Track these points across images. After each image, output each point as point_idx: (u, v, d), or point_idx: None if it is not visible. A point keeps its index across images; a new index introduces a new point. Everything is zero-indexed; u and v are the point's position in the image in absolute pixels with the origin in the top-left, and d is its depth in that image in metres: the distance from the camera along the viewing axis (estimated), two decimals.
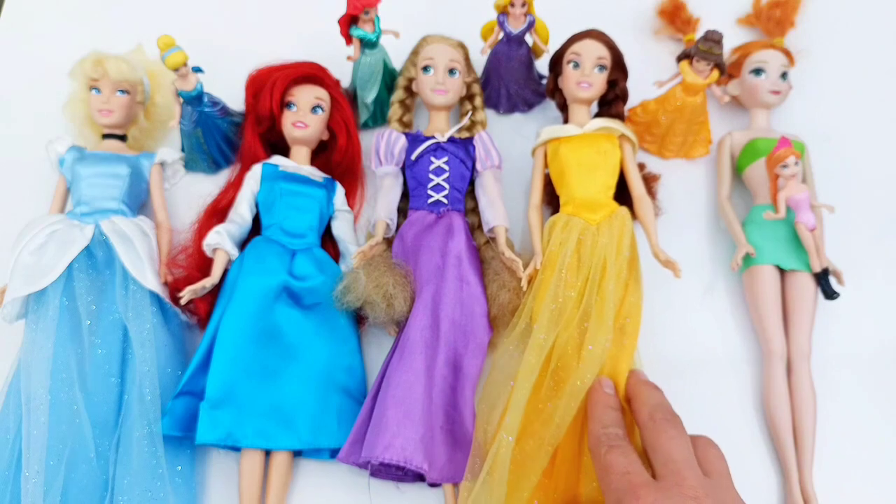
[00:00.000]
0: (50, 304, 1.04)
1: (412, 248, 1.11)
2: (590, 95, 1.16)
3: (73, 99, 1.20)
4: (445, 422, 1.00)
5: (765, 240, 1.14)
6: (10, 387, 1.03)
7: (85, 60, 1.16)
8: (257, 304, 1.04)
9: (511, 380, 1.01)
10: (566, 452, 0.98)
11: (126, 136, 1.22)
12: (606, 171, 1.12)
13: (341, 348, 1.07)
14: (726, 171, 1.24)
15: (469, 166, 1.18)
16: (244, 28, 1.43)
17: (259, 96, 1.16)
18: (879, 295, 1.20)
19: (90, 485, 0.97)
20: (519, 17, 1.19)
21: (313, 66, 1.20)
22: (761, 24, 1.39)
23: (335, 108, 1.21)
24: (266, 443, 0.99)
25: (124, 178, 1.14)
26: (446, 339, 1.04)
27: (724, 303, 1.19)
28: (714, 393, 1.12)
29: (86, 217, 1.11)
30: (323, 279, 1.09)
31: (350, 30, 1.16)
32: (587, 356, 0.99)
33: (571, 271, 1.05)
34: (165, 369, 1.04)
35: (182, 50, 1.09)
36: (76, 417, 0.99)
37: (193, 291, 1.05)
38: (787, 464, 1.04)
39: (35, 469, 0.94)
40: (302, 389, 1.03)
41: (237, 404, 0.99)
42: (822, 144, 1.28)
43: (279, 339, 1.05)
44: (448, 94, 1.19)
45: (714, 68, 1.17)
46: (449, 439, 1.00)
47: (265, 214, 1.14)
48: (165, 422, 0.99)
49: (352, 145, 1.22)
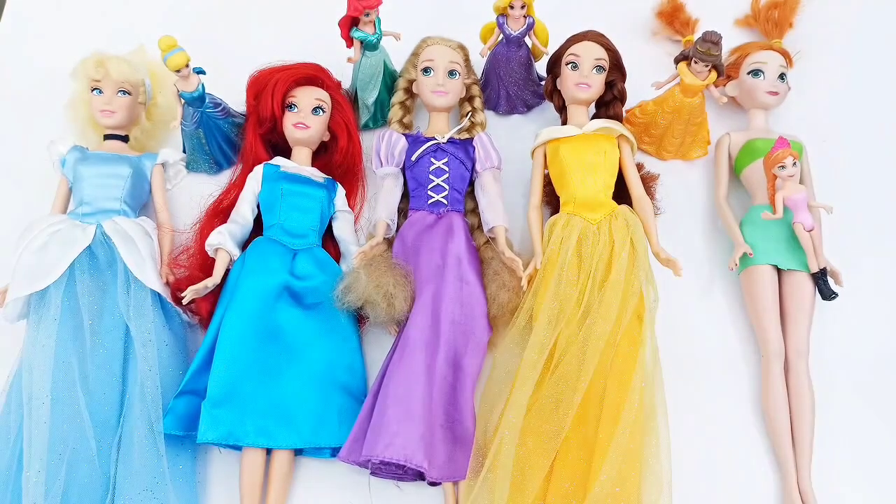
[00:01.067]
0: (51, 304, 1.04)
1: (412, 249, 1.12)
2: (588, 96, 1.17)
3: (74, 100, 1.21)
4: (445, 420, 1.01)
5: (762, 240, 1.15)
6: (12, 386, 1.03)
7: (87, 61, 1.17)
8: (259, 304, 1.05)
9: (512, 378, 1.02)
10: (570, 449, 0.99)
11: (128, 136, 1.22)
12: (606, 170, 1.13)
13: (342, 347, 1.08)
14: (724, 172, 1.24)
15: (469, 167, 1.18)
16: (245, 29, 1.43)
17: (260, 97, 1.17)
18: (878, 295, 1.20)
19: (91, 483, 0.97)
20: (518, 18, 1.20)
21: (315, 67, 1.20)
22: (760, 26, 1.40)
23: (336, 109, 1.22)
24: (267, 441, 1.00)
25: (126, 178, 1.15)
26: (446, 339, 1.04)
27: (721, 303, 1.19)
28: (712, 392, 1.12)
29: (88, 217, 1.12)
30: (324, 279, 1.10)
31: (351, 31, 1.16)
32: (590, 354, 0.99)
33: (572, 270, 1.06)
34: (167, 368, 1.04)
35: (184, 51, 1.10)
36: (77, 416, 0.99)
37: (196, 291, 1.05)
38: (785, 463, 1.05)
39: (36, 468, 0.95)
40: (303, 388, 1.03)
41: (238, 403, 1.00)
42: (821, 145, 1.29)
43: (280, 338, 1.05)
44: (448, 95, 1.20)
45: (712, 69, 1.17)
46: (449, 438, 1.01)
47: (267, 215, 1.14)
48: (167, 421, 1.00)
49: (352, 146, 1.23)
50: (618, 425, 0.95)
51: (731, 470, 1.07)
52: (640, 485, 0.95)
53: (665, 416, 1.00)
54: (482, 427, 1.02)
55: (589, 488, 0.94)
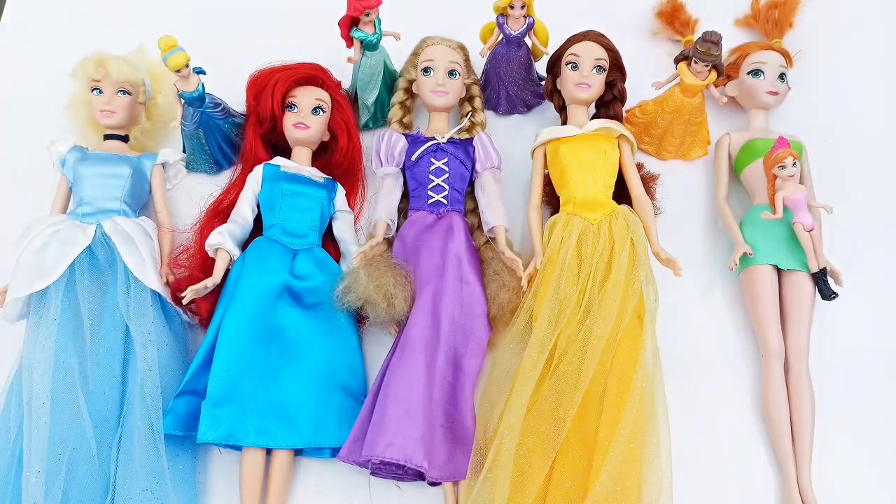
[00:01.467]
0: (51, 304, 1.04)
1: (412, 249, 1.12)
2: (588, 96, 1.17)
3: (74, 100, 1.20)
4: (445, 420, 1.01)
5: (762, 240, 1.15)
6: (12, 386, 1.03)
7: (87, 61, 1.17)
8: (259, 304, 1.05)
9: (512, 378, 1.02)
10: (571, 449, 0.98)
11: (128, 136, 1.22)
12: (606, 170, 1.13)
13: (342, 347, 1.08)
14: (724, 172, 1.24)
15: (469, 167, 1.18)
16: (245, 29, 1.43)
17: (260, 97, 1.17)
18: (878, 295, 1.20)
19: (91, 483, 0.97)
20: (518, 18, 1.20)
21: (314, 67, 1.20)
22: (760, 26, 1.40)
23: (336, 109, 1.22)
24: (267, 441, 1.00)
25: (126, 178, 1.15)
26: (446, 339, 1.04)
27: (721, 303, 1.19)
28: (712, 392, 1.12)
29: (88, 217, 1.12)
30: (324, 279, 1.10)
31: (351, 32, 1.16)
32: (590, 354, 0.99)
33: (572, 270, 1.06)
34: (167, 369, 1.04)
35: (184, 51, 1.10)
36: (77, 416, 0.99)
37: (196, 291, 1.05)
38: (785, 463, 1.05)
39: (36, 468, 0.94)
40: (303, 388, 1.03)
41: (238, 403, 1.00)
42: (821, 145, 1.29)
43: (280, 338, 1.05)
44: (448, 95, 1.20)
45: (712, 69, 1.17)
46: (449, 437, 1.01)
47: (267, 214, 1.14)
48: (167, 421, 1.00)
49: (352, 146, 1.22)
50: (618, 425, 0.95)
51: (731, 470, 1.07)
52: (641, 484, 0.95)
53: (665, 416, 1.00)
54: (482, 427, 1.02)
55: (589, 488, 0.94)
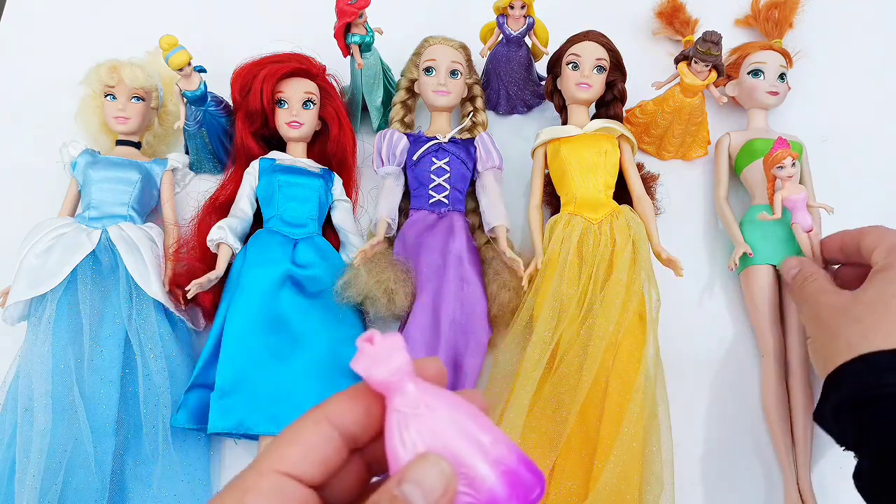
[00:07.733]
0: (52, 308, 1.04)
1: (413, 248, 1.12)
2: (589, 96, 1.17)
3: (85, 106, 1.20)
4: None
5: (762, 240, 1.15)
6: (9, 390, 1.03)
7: (100, 67, 1.16)
8: (262, 294, 1.05)
9: (512, 378, 1.02)
10: (572, 448, 0.99)
11: (140, 142, 1.22)
12: (607, 170, 1.13)
13: (347, 335, 1.07)
14: (724, 172, 1.24)
15: (470, 167, 1.18)
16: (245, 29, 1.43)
17: (248, 95, 1.16)
18: None
19: (88, 489, 0.97)
20: (518, 18, 1.20)
21: (298, 58, 1.19)
22: (759, 25, 1.40)
23: (325, 98, 1.21)
24: (278, 428, 0.99)
25: (135, 183, 1.14)
26: (446, 339, 1.04)
27: (721, 303, 1.19)
28: (712, 392, 1.13)
29: (94, 221, 1.11)
30: (325, 267, 1.10)
31: (346, 39, 1.16)
32: (591, 353, 1.00)
33: (573, 270, 1.06)
34: (174, 376, 1.04)
35: (185, 49, 1.09)
36: (75, 422, 0.99)
37: (199, 285, 1.05)
38: (785, 463, 1.05)
39: (32, 473, 0.94)
40: (311, 375, 1.03)
41: (247, 392, 1.00)
42: (821, 145, 1.29)
43: (285, 326, 1.05)
44: (450, 95, 1.20)
45: (712, 69, 1.17)
46: None
47: (265, 207, 1.15)
48: (180, 415, 1.00)
49: (344, 135, 1.21)
50: (620, 424, 0.95)
51: (731, 470, 1.08)
52: (642, 484, 0.95)
53: (667, 416, 1.00)
54: None
55: (591, 487, 0.94)
